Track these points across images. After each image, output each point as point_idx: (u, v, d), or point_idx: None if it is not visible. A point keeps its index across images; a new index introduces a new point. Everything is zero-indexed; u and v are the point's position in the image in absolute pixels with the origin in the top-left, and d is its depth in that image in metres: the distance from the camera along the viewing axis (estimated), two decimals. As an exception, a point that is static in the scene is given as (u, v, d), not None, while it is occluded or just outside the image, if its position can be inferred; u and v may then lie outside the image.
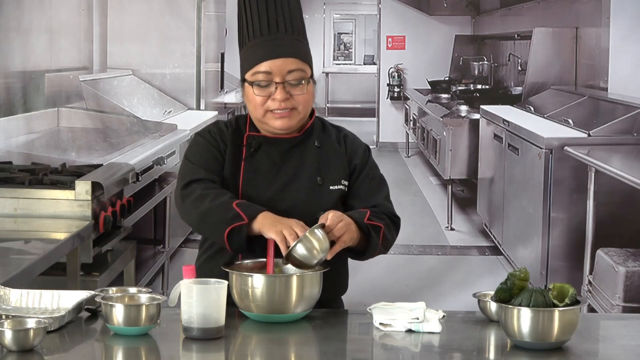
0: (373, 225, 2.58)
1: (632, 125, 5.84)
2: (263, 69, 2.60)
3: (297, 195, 2.64)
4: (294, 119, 2.64)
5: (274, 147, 2.68)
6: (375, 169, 2.77)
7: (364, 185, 2.71)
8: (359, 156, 2.73)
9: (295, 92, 2.62)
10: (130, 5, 6.91)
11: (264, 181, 2.65)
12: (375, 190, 2.72)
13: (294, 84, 2.61)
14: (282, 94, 2.60)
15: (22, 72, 5.40)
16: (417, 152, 10.37)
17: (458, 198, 8.23)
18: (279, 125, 2.64)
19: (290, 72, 2.61)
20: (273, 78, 2.60)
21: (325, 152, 2.70)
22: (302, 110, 2.64)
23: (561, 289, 2.21)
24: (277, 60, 2.60)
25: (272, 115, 2.62)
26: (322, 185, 2.65)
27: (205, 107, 7.30)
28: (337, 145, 2.73)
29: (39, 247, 3.28)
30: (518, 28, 8.81)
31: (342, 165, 2.71)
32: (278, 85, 2.60)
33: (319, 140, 2.72)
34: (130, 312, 2.24)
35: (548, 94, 7.63)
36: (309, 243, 2.41)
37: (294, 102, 2.62)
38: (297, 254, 2.42)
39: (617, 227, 5.36)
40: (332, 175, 2.68)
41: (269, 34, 2.62)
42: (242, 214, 2.50)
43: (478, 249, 7.13)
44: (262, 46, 2.62)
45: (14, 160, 4.60)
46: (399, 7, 10.92)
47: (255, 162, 2.67)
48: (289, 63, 2.61)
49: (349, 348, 2.29)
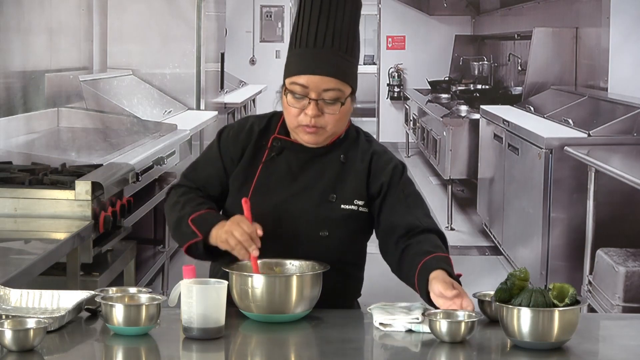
0: (450, 267, 2.47)
1: (632, 125, 5.84)
2: (301, 81, 2.55)
3: (303, 208, 2.59)
4: (321, 136, 2.59)
5: (296, 154, 2.64)
6: (409, 185, 2.68)
7: (398, 203, 2.62)
8: (386, 174, 2.64)
9: (328, 111, 2.56)
10: (130, 5, 6.92)
11: (275, 188, 2.61)
12: (413, 206, 2.63)
13: (328, 103, 2.56)
14: (314, 111, 2.55)
15: (22, 72, 5.40)
16: (417, 152, 10.37)
17: (458, 198, 8.24)
18: (307, 139, 2.60)
19: (327, 90, 2.55)
20: (309, 93, 2.55)
21: (348, 168, 2.64)
22: (331, 129, 2.59)
23: (561, 289, 2.21)
24: (315, 77, 2.54)
25: (303, 129, 2.58)
26: (334, 203, 2.60)
27: (205, 107, 7.30)
28: (361, 162, 2.65)
29: (39, 247, 3.28)
30: (518, 28, 8.81)
31: (360, 184, 2.63)
32: (312, 102, 2.54)
33: (346, 154, 2.66)
34: (130, 312, 2.24)
35: (548, 94, 7.64)
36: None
37: (324, 120, 2.57)
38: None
39: (617, 227, 5.36)
40: (347, 194, 2.62)
41: (314, 46, 2.56)
42: (197, 231, 2.53)
43: (478, 249, 7.14)
44: (304, 58, 2.57)
45: (14, 160, 4.60)
46: (399, 7, 10.92)
47: (273, 167, 2.64)
48: (327, 82, 2.54)
49: (349, 348, 2.29)
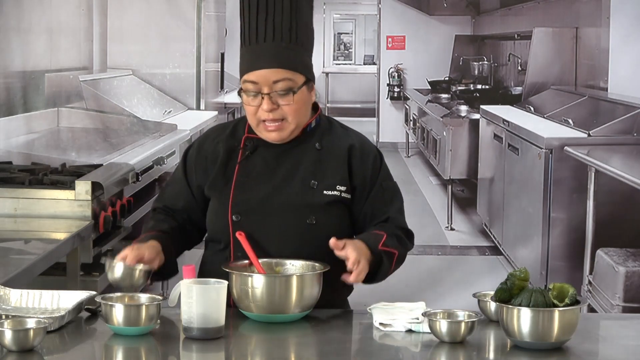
0: (387, 252, 2.56)
1: (632, 125, 5.84)
2: (250, 78, 2.58)
3: (287, 198, 2.61)
4: (285, 130, 2.61)
5: (270, 149, 2.66)
6: (387, 178, 2.71)
7: (376, 196, 2.66)
8: (368, 165, 2.67)
9: (282, 102, 2.58)
10: (130, 5, 6.91)
11: (256, 184, 2.63)
12: (389, 202, 2.67)
13: (281, 94, 2.58)
14: (268, 105, 2.57)
15: (22, 72, 5.40)
16: (417, 152, 10.37)
17: (458, 198, 8.23)
18: (272, 137, 2.62)
19: (277, 82, 2.57)
20: (261, 88, 2.57)
21: (325, 154, 2.67)
22: (293, 120, 2.60)
23: (561, 289, 2.21)
24: (262, 71, 2.56)
25: (264, 127, 2.60)
26: (315, 189, 2.62)
27: (205, 107, 7.30)
28: (341, 149, 2.68)
29: (39, 247, 3.28)
30: (518, 28, 8.80)
31: (341, 170, 2.65)
32: (265, 96, 2.57)
33: (321, 142, 2.68)
34: (130, 312, 2.24)
35: (548, 94, 7.63)
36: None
37: (282, 112, 2.58)
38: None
39: (617, 227, 5.36)
40: (328, 180, 2.64)
41: (256, 42, 2.59)
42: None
43: (478, 249, 7.13)
44: (250, 55, 2.60)
45: (14, 160, 4.60)
46: (399, 7, 10.92)
47: (250, 165, 2.66)
48: (275, 73, 2.57)
49: (349, 348, 2.29)
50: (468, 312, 2.27)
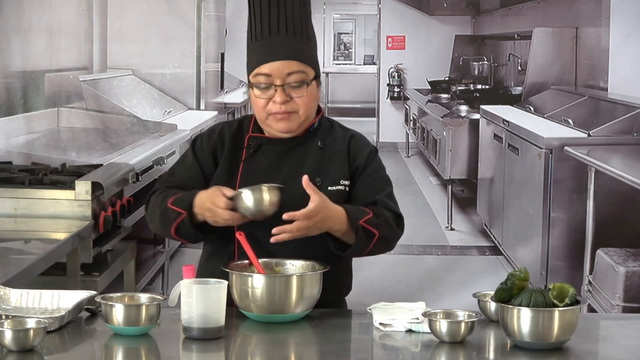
0: (366, 230, 2.57)
1: (632, 125, 5.84)
2: (263, 71, 2.61)
3: (292, 196, 2.61)
4: (294, 121, 2.64)
5: (275, 148, 2.68)
6: (379, 170, 2.74)
7: (366, 184, 2.69)
8: (362, 157, 2.70)
9: (295, 95, 2.61)
10: (130, 5, 6.91)
11: (260, 183, 2.63)
12: (378, 190, 2.70)
13: (294, 87, 2.61)
14: (281, 97, 2.60)
15: (22, 72, 5.40)
16: (417, 152, 10.37)
17: (458, 198, 8.23)
18: (280, 127, 2.64)
19: (290, 74, 2.60)
20: (273, 81, 2.60)
21: (327, 153, 2.69)
22: (303, 113, 2.64)
23: (561, 289, 2.21)
24: (276, 63, 2.60)
25: (274, 118, 2.63)
26: (320, 187, 2.62)
27: (205, 107, 7.30)
28: (341, 146, 2.71)
29: (39, 247, 3.28)
30: (518, 28, 8.81)
31: (343, 166, 2.69)
32: (278, 88, 2.60)
33: (323, 141, 2.70)
34: (130, 312, 2.24)
35: (548, 94, 7.63)
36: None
37: (294, 104, 2.62)
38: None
39: (617, 227, 5.36)
40: (332, 176, 2.66)
41: (269, 35, 2.62)
42: (178, 210, 2.57)
43: (478, 249, 7.13)
44: (263, 48, 2.63)
45: (14, 160, 4.60)
46: (399, 7, 10.92)
47: (254, 164, 2.67)
48: (289, 65, 2.60)
49: (349, 348, 2.29)
50: (468, 312, 2.27)
